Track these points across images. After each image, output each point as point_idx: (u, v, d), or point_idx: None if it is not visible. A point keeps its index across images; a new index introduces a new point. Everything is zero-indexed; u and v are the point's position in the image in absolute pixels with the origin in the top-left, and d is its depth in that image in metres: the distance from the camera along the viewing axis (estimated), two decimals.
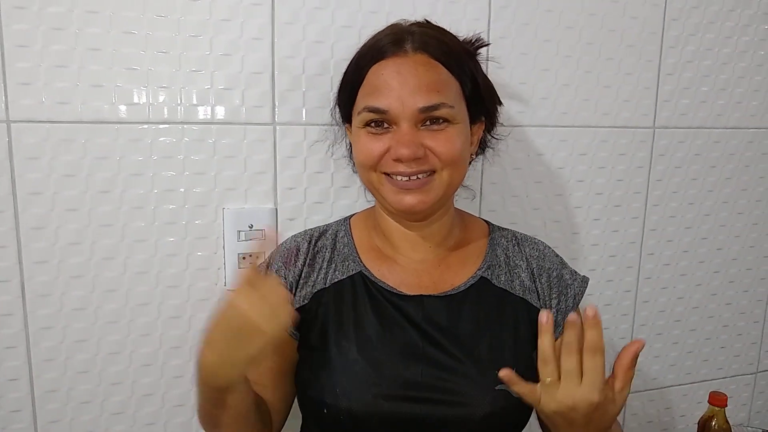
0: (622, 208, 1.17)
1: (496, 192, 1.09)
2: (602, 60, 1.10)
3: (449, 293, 0.83)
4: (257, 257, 0.96)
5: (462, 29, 0.84)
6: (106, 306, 0.93)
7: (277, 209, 0.98)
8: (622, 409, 1.23)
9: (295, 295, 0.85)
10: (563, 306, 0.86)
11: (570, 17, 1.07)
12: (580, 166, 1.13)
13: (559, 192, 1.12)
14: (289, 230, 0.99)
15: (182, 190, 0.93)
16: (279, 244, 0.91)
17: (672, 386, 1.29)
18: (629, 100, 1.13)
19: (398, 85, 0.76)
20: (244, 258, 0.97)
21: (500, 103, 0.89)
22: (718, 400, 1.07)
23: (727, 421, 1.07)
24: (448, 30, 0.84)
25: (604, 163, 1.14)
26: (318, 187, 1.00)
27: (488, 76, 0.88)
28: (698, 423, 1.10)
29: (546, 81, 1.07)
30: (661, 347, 1.26)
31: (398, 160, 0.77)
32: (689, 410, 1.31)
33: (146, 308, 0.95)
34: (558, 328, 0.85)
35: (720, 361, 1.31)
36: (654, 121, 1.15)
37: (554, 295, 0.86)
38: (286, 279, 0.85)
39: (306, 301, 0.84)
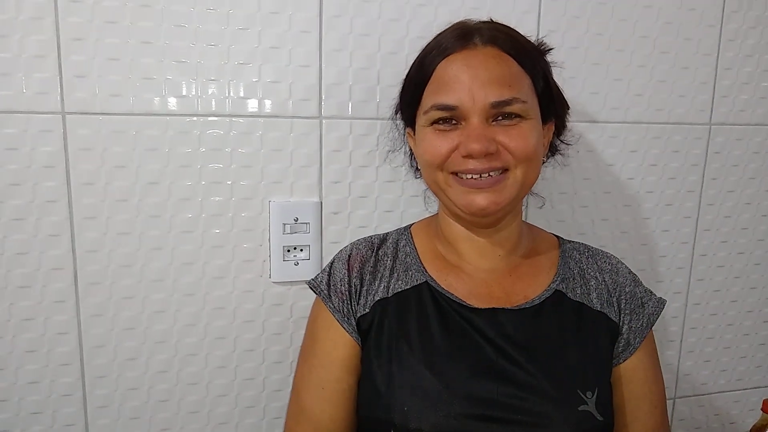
0: (674, 207, 1.13)
1: (543, 190, 1.06)
2: (657, 54, 1.06)
3: (524, 306, 0.79)
4: None
5: (512, 22, 0.81)
6: (153, 295, 0.95)
7: (322, 203, 0.98)
8: (669, 415, 1.21)
9: (358, 303, 0.81)
10: (635, 325, 0.82)
11: (624, 9, 1.03)
12: (631, 163, 1.09)
13: (608, 190, 1.09)
14: (333, 224, 0.99)
15: (229, 182, 0.94)
16: (339, 250, 0.88)
17: (723, 392, 1.24)
18: (684, 95, 1.09)
19: (468, 79, 0.72)
20: (288, 251, 0.97)
21: (568, 108, 0.85)
22: None
23: None
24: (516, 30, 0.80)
25: (656, 161, 1.10)
26: (363, 181, 0.99)
27: None
28: (750, 431, 1.06)
29: (597, 75, 1.04)
30: (712, 351, 1.22)
31: (469, 155, 0.72)
32: (740, 417, 1.26)
33: (192, 299, 0.96)
34: (629, 347, 0.82)
35: None
36: (710, 117, 1.11)
37: (627, 311, 0.82)
38: (350, 285, 0.82)
39: (367, 310, 0.80)
